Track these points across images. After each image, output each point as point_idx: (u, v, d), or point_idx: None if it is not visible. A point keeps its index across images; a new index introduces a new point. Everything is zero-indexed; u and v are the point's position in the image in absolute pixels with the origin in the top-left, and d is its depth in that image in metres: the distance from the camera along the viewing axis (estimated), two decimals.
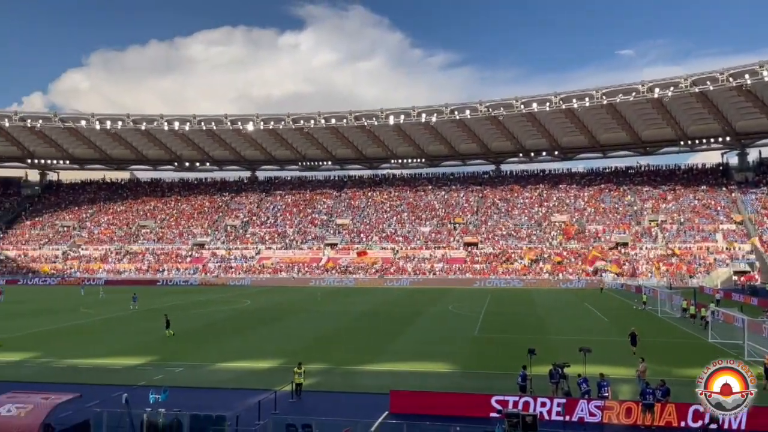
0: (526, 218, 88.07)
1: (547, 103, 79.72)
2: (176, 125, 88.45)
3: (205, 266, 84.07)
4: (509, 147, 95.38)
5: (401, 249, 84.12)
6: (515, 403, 19.07)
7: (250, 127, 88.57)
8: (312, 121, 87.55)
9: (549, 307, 51.27)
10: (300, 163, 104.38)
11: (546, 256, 78.60)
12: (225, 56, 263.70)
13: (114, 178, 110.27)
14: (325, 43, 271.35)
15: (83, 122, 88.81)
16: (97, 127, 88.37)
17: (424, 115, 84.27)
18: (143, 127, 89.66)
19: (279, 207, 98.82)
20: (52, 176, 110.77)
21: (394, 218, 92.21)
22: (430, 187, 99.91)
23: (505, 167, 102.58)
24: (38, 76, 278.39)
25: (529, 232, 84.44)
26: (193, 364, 27.90)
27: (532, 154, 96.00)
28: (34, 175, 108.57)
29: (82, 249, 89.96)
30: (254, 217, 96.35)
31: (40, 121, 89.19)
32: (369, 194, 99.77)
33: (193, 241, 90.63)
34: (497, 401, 19.41)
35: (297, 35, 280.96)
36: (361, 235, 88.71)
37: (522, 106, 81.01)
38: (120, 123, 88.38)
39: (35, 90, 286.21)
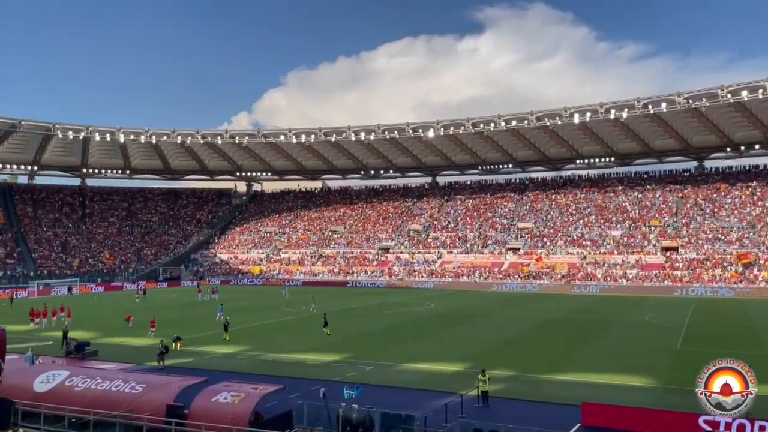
0: (736, 219, 78.62)
1: (761, 90, 70.42)
2: (362, 135, 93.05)
3: (390, 269, 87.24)
4: (714, 141, 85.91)
5: (589, 254, 79.78)
6: (728, 425, 17.07)
7: (430, 133, 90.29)
8: (492, 125, 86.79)
9: (766, 319, 45.16)
10: (480, 167, 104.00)
11: (762, 261, 69.43)
12: (407, 66, 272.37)
13: (308, 188, 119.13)
14: (504, 44, 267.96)
15: (282, 137, 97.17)
16: (294, 140, 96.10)
17: (613, 111, 79.13)
18: (333, 139, 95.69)
19: (459, 211, 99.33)
20: (256, 187, 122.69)
21: (581, 221, 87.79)
22: (620, 187, 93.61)
23: (708, 163, 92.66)
24: (244, 97, 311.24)
25: (741, 235, 75.18)
26: (382, 363, 29.00)
27: (743, 148, 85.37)
28: (241, 186, 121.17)
29: (283, 253, 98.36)
30: (435, 222, 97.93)
31: (246, 138, 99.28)
32: (552, 197, 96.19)
33: (379, 245, 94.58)
34: (705, 422, 17.51)
35: (476, 39, 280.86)
36: (545, 239, 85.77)
37: (729, 96, 72.44)
38: (313, 136, 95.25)
39: (242, 110, 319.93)
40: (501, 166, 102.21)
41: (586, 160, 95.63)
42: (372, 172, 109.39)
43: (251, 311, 51.73)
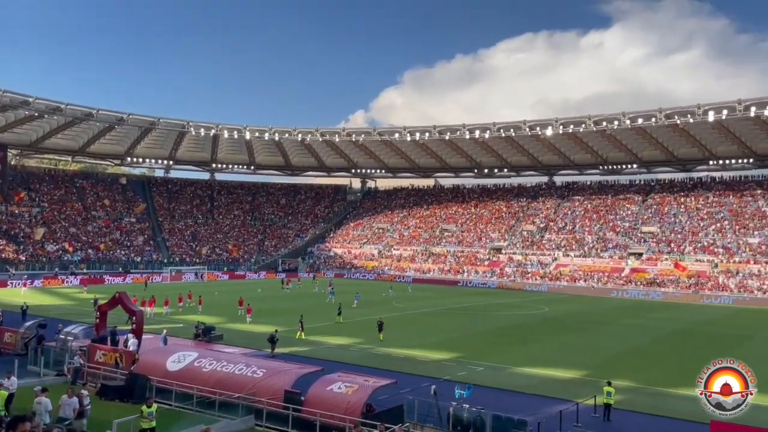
0: None
1: None
2: (477, 133, 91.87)
3: (502, 270, 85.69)
4: None
5: (721, 262, 73.87)
6: None
7: (548, 131, 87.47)
8: (615, 123, 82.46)
9: None
10: (601, 167, 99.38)
11: None
12: (525, 63, 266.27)
13: (421, 185, 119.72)
14: (633, 38, 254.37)
15: (396, 135, 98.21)
16: (408, 138, 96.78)
17: (753, 109, 72.46)
18: (447, 137, 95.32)
19: (577, 213, 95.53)
20: (370, 184, 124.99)
21: (712, 227, 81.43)
22: (759, 191, 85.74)
23: None
24: (361, 96, 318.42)
25: None
26: (494, 365, 28.57)
27: None
28: (356, 183, 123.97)
29: (394, 249, 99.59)
30: (551, 223, 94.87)
31: (362, 136, 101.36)
32: (681, 200, 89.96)
33: (491, 245, 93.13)
34: None
35: (602, 34, 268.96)
36: (672, 244, 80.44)
37: None
38: (427, 134, 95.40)
39: (358, 108, 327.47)
40: (624, 167, 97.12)
41: (720, 161, 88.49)
42: (485, 170, 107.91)
43: (365, 306, 52.77)
